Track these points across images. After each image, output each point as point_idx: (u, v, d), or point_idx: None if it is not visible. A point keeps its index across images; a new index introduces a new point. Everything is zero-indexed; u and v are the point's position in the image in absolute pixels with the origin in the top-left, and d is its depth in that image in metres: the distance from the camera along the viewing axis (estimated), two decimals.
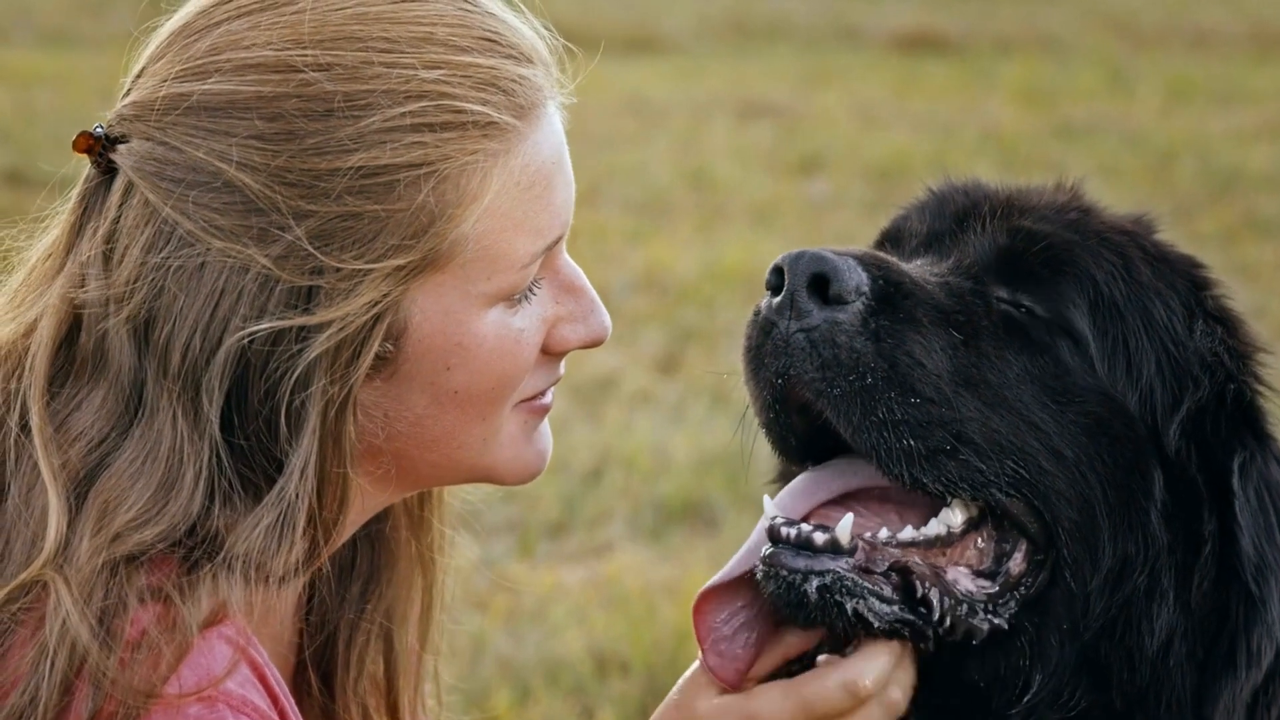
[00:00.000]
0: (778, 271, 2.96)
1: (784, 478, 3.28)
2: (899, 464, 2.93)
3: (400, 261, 2.77)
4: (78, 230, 2.87)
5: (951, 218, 3.20)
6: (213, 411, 2.75)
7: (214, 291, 2.75)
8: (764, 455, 3.27)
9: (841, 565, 2.91)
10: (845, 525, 2.94)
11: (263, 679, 2.80)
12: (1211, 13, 22.12)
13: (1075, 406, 3.02)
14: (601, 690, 6.35)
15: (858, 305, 2.95)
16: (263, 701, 2.77)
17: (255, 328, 2.73)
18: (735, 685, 2.98)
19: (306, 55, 2.79)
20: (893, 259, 3.07)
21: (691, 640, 6.11)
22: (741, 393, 3.10)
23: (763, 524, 3.00)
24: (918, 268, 3.10)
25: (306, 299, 2.75)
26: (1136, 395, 3.05)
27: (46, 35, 18.53)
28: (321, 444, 2.78)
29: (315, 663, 3.18)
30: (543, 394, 3.01)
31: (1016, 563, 3.01)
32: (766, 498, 3.04)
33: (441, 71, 2.80)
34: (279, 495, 2.77)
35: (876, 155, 14.70)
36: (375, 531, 3.16)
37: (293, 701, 2.89)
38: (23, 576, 2.72)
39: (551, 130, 2.91)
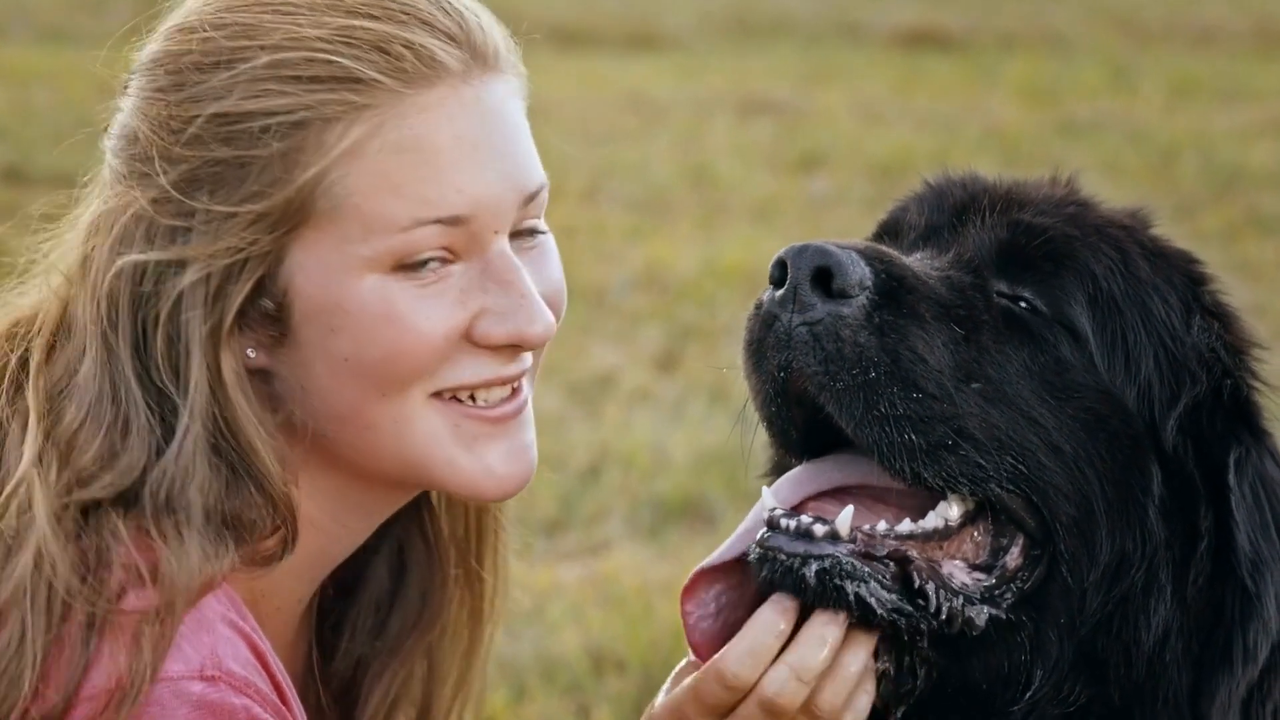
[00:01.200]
0: (781, 264, 2.97)
1: (778, 470, 3.27)
2: (900, 459, 2.93)
3: (259, 208, 2.89)
4: None
5: (950, 211, 3.20)
6: (122, 349, 2.89)
7: (113, 232, 2.95)
8: (761, 451, 3.26)
9: (841, 550, 2.91)
10: (845, 517, 2.94)
11: (264, 664, 2.86)
12: (1215, 10, 22.11)
13: (1074, 403, 3.02)
14: (598, 689, 6.34)
15: (861, 299, 2.95)
16: (265, 685, 2.83)
17: (132, 257, 2.90)
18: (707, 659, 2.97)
19: (216, 16, 2.96)
20: (895, 253, 3.07)
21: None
22: (741, 389, 3.10)
23: (757, 510, 3.01)
24: (919, 261, 3.10)
25: (180, 237, 2.91)
26: (1135, 390, 3.06)
27: (44, 32, 18.53)
28: (211, 388, 2.89)
29: (337, 685, 3.24)
30: (492, 405, 3.02)
31: (1013, 557, 3.02)
32: (765, 488, 3.03)
33: (326, 30, 2.93)
34: (182, 435, 2.89)
35: (878, 152, 14.69)
36: (428, 579, 3.24)
37: (294, 692, 2.94)
38: (13, 481, 2.86)
39: (460, 106, 2.95)
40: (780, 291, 2.96)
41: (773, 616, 2.91)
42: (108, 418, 2.90)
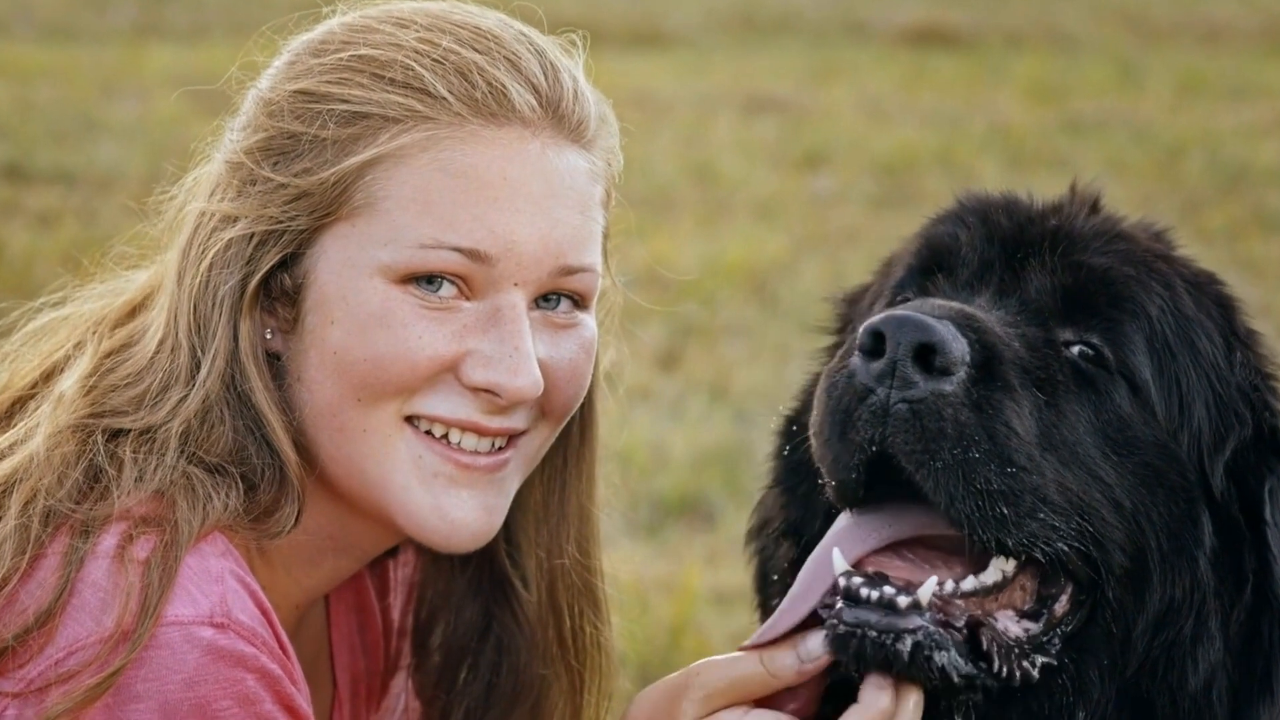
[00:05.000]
0: (877, 335, 2.91)
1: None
2: (989, 530, 2.90)
3: (304, 184, 2.99)
4: None
5: (1000, 244, 3.16)
6: (183, 301, 3.03)
7: (202, 189, 3.13)
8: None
9: (927, 620, 2.90)
10: (928, 588, 2.92)
11: (270, 622, 2.92)
12: (1223, 7, 22.13)
13: (1134, 458, 3.02)
14: None
15: (961, 375, 2.91)
16: (271, 640, 2.89)
17: (199, 205, 3.08)
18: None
19: (355, 19, 3.13)
20: (981, 316, 3.02)
21: (686, 636, 6.07)
22: (741, 388, 3.07)
23: (816, 568, 2.97)
24: (993, 316, 3.05)
25: (239, 196, 3.04)
26: (1188, 437, 3.06)
27: (47, 29, 18.57)
28: (230, 349, 3.00)
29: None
30: (464, 451, 3.04)
31: (1061, 605, 3.01)
32: (836, 551, 2.97)
33: (424, 45, 3.04)
34: (201, 382, 3.00)
35: (883, 150, 14.69)
36: (525, 657, 3.36)
37: (296, 657, 2.99)
38: (55, 393, 3.02)
39: (521, 153, 3.02)
40: (876, 364, 2.90)
41: (880, 696, 2.91)
42: (162, 363, 3.02)
